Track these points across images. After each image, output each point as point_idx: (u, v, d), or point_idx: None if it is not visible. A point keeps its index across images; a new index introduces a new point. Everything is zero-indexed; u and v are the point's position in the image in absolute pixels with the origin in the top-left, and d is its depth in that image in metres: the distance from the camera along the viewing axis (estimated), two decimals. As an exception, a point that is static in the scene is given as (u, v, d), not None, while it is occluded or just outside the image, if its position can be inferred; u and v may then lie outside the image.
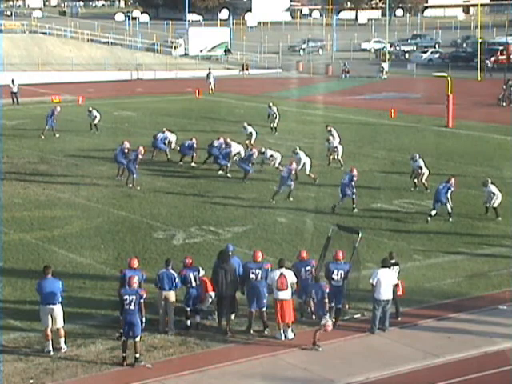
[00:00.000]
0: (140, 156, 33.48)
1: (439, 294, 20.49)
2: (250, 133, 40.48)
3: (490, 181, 29.51)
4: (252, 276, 19.47)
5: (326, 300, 18.85)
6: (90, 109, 46.55)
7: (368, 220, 28.60)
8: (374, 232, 26.95)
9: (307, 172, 33.87)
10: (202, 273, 19.93)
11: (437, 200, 28.67)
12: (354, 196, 29.71)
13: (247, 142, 39.71)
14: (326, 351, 18.69)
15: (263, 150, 35.50)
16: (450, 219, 28.53)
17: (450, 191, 28.73)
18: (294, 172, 31.80)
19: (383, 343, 19.12)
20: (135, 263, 19.60)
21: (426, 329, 19.88)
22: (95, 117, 45.92)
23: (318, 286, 19.00)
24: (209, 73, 66.26)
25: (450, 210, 28.66)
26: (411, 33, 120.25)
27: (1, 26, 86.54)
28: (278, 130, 45.53)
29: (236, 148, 36.21)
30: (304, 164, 33.99)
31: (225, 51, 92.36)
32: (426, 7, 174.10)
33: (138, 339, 17.95)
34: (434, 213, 28.51)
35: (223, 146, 35.78)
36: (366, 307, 20.35)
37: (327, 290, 18.97)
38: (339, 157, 36.98)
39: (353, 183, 29.69)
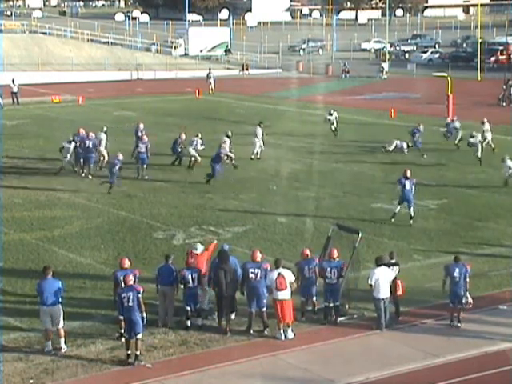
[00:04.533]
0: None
1: (439, 293, 20.48)
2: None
3: (507, 156, 32.87)
4: (251, 276, 19.47)
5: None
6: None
7: (368, 220, 28.59)
8: (374, 232, 26.95)
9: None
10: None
11: (406, 200, 28.37)
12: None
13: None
14: (325, 351, 18.69)
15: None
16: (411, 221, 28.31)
17: (413, 186, 28.70)
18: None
19: (383, 343, 19.12)
20: (126, 263, 19.57)
21: (426, 329, 19.89)
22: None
23: None
24: (209, 73, 66.31)
25: (412, 214, 28.36)
26: (411, 33, 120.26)
27: (1, 26, 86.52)
28: (277, 130, 45.52)
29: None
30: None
31: (225, 51, 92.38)
32: (426, 7, 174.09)
33: (139, 336, 17.96)
34: (397, 210, 28.54)
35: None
36: (366, 307, 20.36)
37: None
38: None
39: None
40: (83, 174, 34.94)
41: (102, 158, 36.44)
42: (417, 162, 37.52)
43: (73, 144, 35.24)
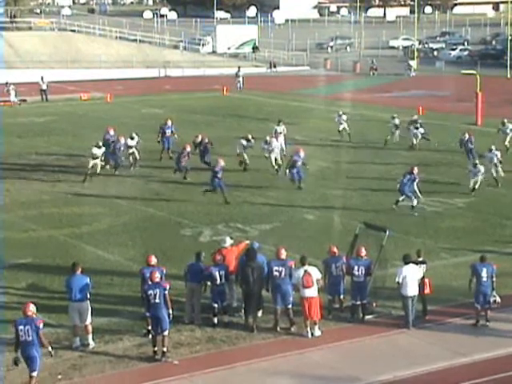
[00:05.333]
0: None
1: (467, 292, 20.37)
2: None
3: None
4: (275, 273, 19.47)
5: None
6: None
7: (395, 218, 28.49)
8: (402, 230, 26.85)
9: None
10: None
11: (401, 192, 29.22)
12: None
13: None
14: (352, 349, 18.66)
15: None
16: (416, 213, 28.87)
17: (414, 183, 29.25)
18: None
19: (410, 342, 19.06)
20: (153, 260, 19.61)
21: (453, 327, 19.80)
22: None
23: None
24: (238, 71, 66.27)
25: (414, 203, 29.13)
26: (440, 30, 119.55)
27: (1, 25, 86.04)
28: (306, 128, 45.48)
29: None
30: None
31: (253, 48, 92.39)
32: (456, 4, 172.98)
33: (166, 333, 18.02)
34: (401, 198, 29.22)
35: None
36: (393, 305, 20.31)
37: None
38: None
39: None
40: (117, 172, 34.89)
41: (132, 160, 36.15)
42: (443, 161, 37.38)
43: (103, 149, 34.81)
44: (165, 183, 33.71)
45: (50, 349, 16.78)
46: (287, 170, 32.86)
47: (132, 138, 36.15)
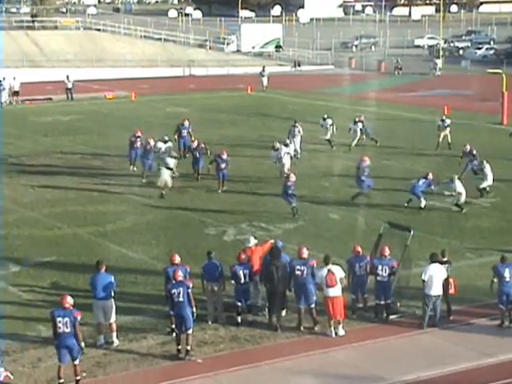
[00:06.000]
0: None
1: (492, 292, 20.25)
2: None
3: None
4: (298, 273, 19.46)
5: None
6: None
7: (420, 218, 28.38)
8: (427, 230, 26.73)
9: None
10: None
11: (412, 193, 29.61)
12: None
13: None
14: (376, 349, 18.61)
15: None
16: (422, 213, 29.11)
17: (430, 187, 29.64)
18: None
19: (434, 341, 18.97)
20: (176, 259, 19.62)
21: (478, 328, 19.69)
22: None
23: None
24: (262, 70, 66.02)
25: (422, 205, 29.36)
26: (466, 29, 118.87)
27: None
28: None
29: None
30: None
31: (276, 47, 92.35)
32: (482, 3, 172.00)
33: (190, 332, 18.05)
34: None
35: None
36: (417, 305, 20.22)
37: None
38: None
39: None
40: (144, 180, 33.83)
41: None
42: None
43: (169, 143, 34.82)
44: (189, 181, 33.70)
45: (82, 344, 16.93)
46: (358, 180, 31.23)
47: (165, 142, 35.27)
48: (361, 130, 40.58)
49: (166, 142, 35.33)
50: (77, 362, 16.85)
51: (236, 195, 31.61)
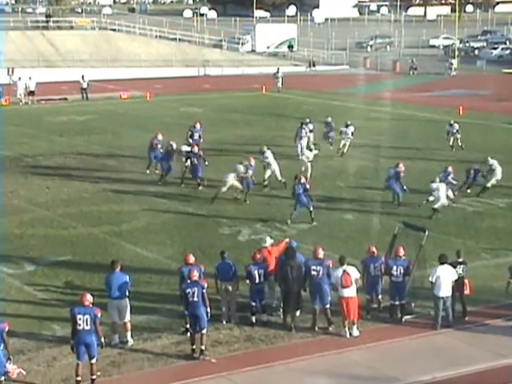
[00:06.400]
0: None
1: (508, 293, 20.18)
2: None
3: None
4: (313, 273, 19.42)
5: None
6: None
7: (435, 218, 28.29)
8: (442, 230, 26.66)
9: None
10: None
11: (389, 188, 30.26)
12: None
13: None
14: (391, 349, 18.56)
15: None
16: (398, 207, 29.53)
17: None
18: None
19: (449, 342, 18.91)
20: (191, 259, 19.61)
21: (494, 329, 19.60)
22: None
23: None
24: (277, 72, 65.59)
25: (400, 200, 29.80)
26: (481, 29, 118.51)
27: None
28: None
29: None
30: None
31: (288, 47, 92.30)
32: (498, 3, 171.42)
33: (204, 331, 18.06)
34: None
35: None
36: (432, 306, 20.12)
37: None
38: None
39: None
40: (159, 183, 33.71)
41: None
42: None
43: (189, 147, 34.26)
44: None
45: (102, 340, 17.02)
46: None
47: (189, 145, 35.00)
48: (352, 133, 39.39)
49: (189, 145, 35.05)
50: (94, 360, 16.90)
51: (250, 195, 31.55)
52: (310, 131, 39.22)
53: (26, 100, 57.40)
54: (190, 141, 37.16)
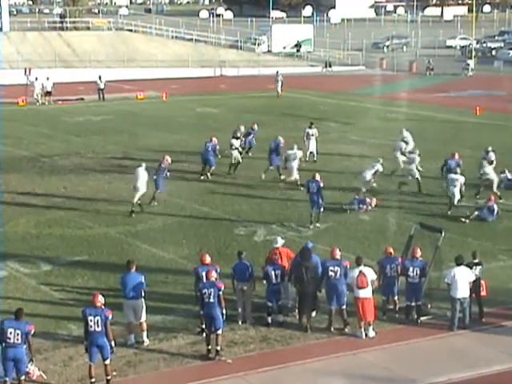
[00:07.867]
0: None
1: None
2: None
3: None
4: (331, 274, 19.40)
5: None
6: None
7: (452, 219, 28.20)
8: (458, 231, 26.57)
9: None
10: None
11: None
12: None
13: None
14: (406, 350, 18.52)
15: None
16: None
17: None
18: None
19: (466, 344, 18.85)
20: (207, 259, 19.63)
21: (510, 330, 19.52)
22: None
23: None
24: (276, 74, 63.04)
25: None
26: (498, 29, 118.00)
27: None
28: (360, 127, 45.22)
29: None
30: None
31: (295, 46, 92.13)
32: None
33: (220, 332, 18.06)
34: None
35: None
36: (448, 307, 20.07)
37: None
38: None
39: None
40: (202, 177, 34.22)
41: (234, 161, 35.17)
42: (505, 163, 36.87)
43: (239, 141, 35.49)
44: (220, 181, 33.75)
45: (112, 343, 16.99)
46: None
47: (237, 138, 35.57)
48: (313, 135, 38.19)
49: (237, 138, 36.05)
50: (107, 361, 16.92)
51: (266, 195, 31.54)
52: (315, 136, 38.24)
53: (43, 100, 57.59)
54: (243, 139, 37.23)
